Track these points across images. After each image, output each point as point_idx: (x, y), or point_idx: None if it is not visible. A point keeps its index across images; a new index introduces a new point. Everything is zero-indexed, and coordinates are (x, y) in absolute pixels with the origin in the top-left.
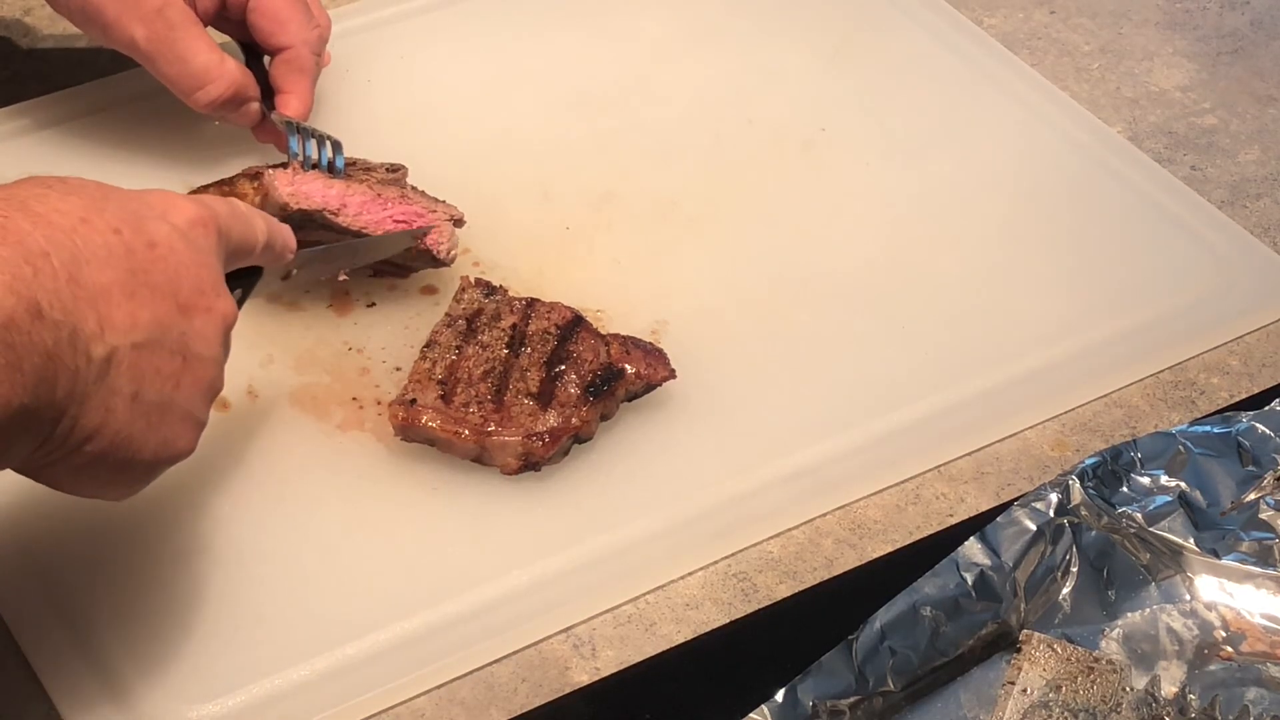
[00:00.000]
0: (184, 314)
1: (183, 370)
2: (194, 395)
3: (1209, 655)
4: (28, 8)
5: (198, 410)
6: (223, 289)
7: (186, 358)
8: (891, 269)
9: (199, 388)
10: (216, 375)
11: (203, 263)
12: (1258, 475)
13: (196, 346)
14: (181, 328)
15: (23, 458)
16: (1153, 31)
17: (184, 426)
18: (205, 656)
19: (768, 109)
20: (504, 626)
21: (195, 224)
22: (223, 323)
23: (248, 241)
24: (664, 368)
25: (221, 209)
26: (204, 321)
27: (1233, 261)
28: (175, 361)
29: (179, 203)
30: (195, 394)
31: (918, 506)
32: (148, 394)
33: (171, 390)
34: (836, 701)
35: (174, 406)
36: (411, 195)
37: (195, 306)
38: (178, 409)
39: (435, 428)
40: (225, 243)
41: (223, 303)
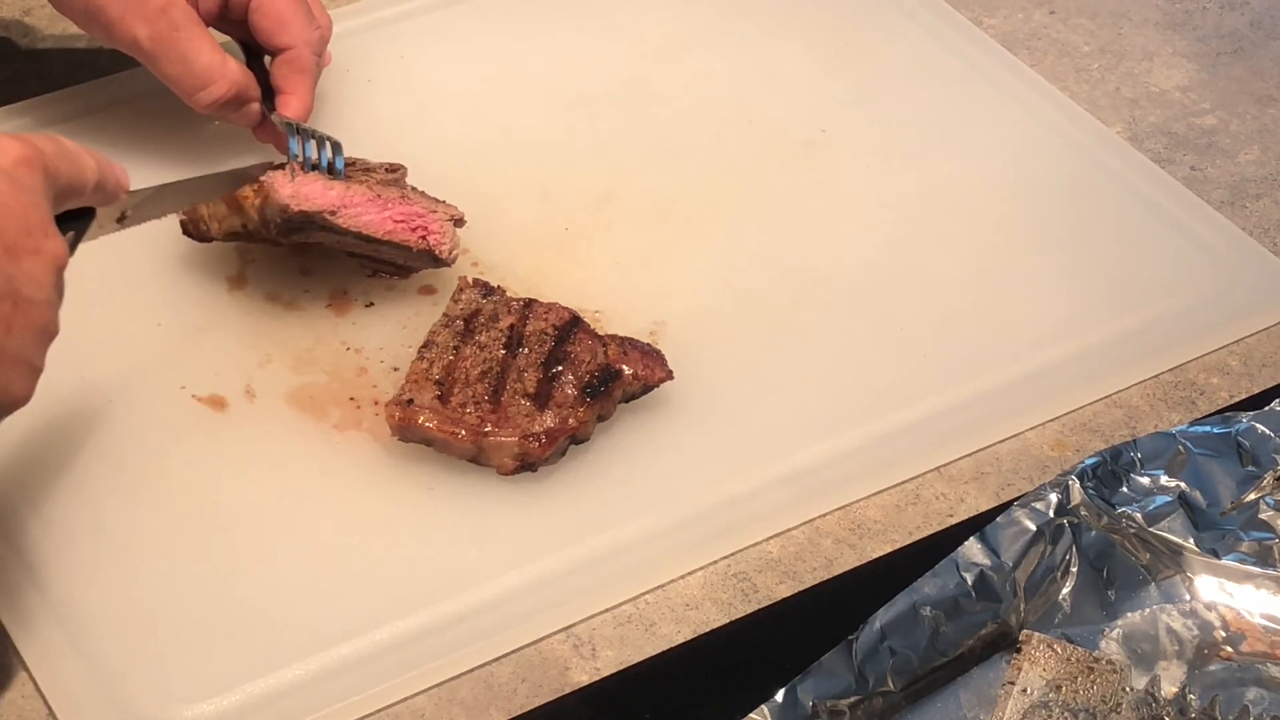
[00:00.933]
0: (10, 256)
1: (13, 314)
2: (26, 339)
3: (1209, 655)
4: (28, 8)
5: (31, 355)
6: (52, 229)
7: (16, 301)
8: (891, 269)
9: (31, 331)
10: (50, 319)
11: (29, 203)
12: (1257, 475)
13: (26, 289)
14: (9, 271)
15: None
16: (1152, 32)
17: (17, 372)
18: (201, 655)
19: (768, 109)
20: (502, 626)
21: (20, 163)
22: (53, 263)
23: (77, 180)
24: (661, 369)
25: (48, 147)
26: (33, 263)
27: (1232, 262)
28: (5, 306)
29: (6, 143)
30: (27, 338)
31: (918, 506)
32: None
33: (3, 335)
34: (836, 701)
35: (5, 352)
36: (411, 195)
37: (22, 248)
38: (9, 354)
39: (432, 428)
40: (53, 182)
41: (52, 243)
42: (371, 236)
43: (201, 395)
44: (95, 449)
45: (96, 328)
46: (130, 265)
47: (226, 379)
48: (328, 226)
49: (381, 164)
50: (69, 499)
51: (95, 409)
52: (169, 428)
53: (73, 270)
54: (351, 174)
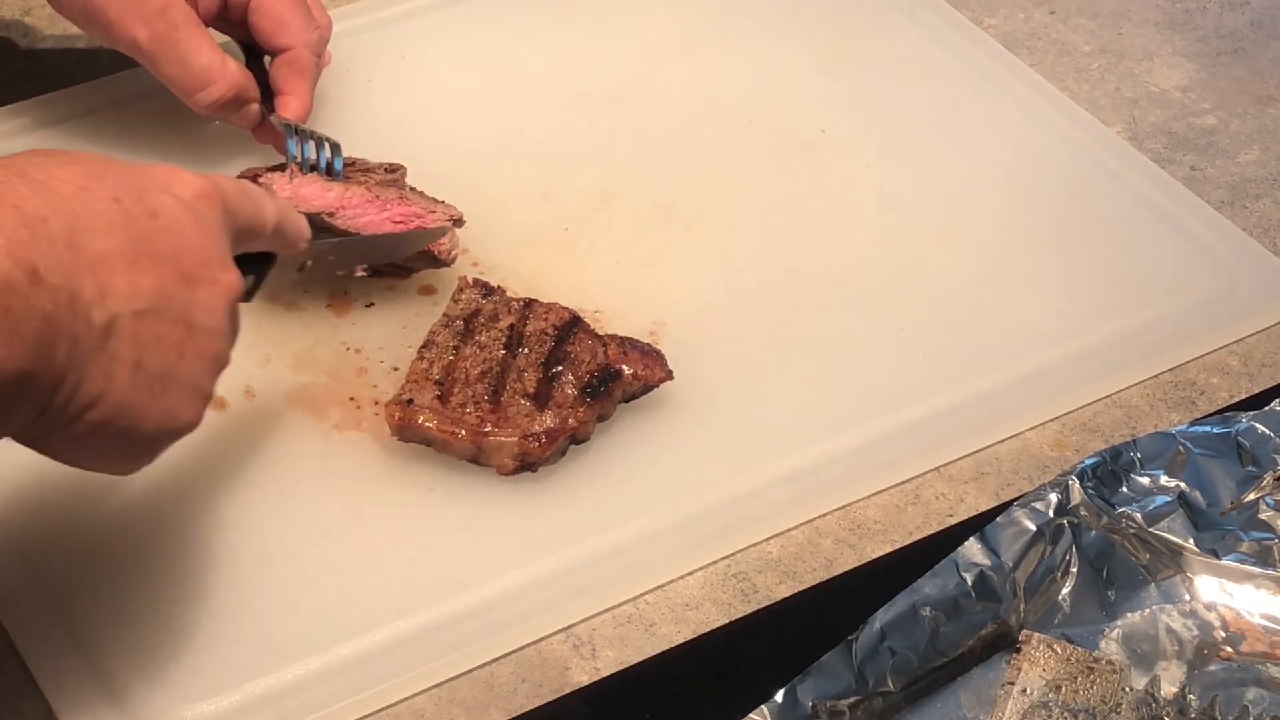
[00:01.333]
0: (187, 284)
1: (186, 340)
2: (199, 366)
3: (1209, 655)
4: (28, 8)
5: (202, 382)
6: (228, 262)
7: (190, 328)
8: (891, 269)
9: (204, 359)
10: (222, 348)
11: (207, 234)
12: (1257, 475)
13: (201, 317)
14: (185, 298)
15: (23, 425)
16: (1153, 31)
17: (188, 398)
18: (202, 655)
19: (768, 109)
20: (502, 626)
21: (200, 197)
22: (228, 295)
23: (256, 221)
24: (661, 369)
25: (229, 186)
26: (208, 293)
27: (1232, 263)
28: (179, 331)
29: (184, 176)
30: (200, 365)
31: (917, 506)
32: (150, 363)
33: (175, 360)
34: (836, 701)
35: (177, 377)
36: (410, 196)
37: (199, 277)
38: (181, 379)
39: (432, 428)
40: (232, 219)
41: (228, 275)
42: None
43: None
44: None
45: None
46: None
47: (226, 379)
48: (325, 227)
49: (381, 164)
50: (69, 499)
51: None
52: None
53: None
54: (351, 174)
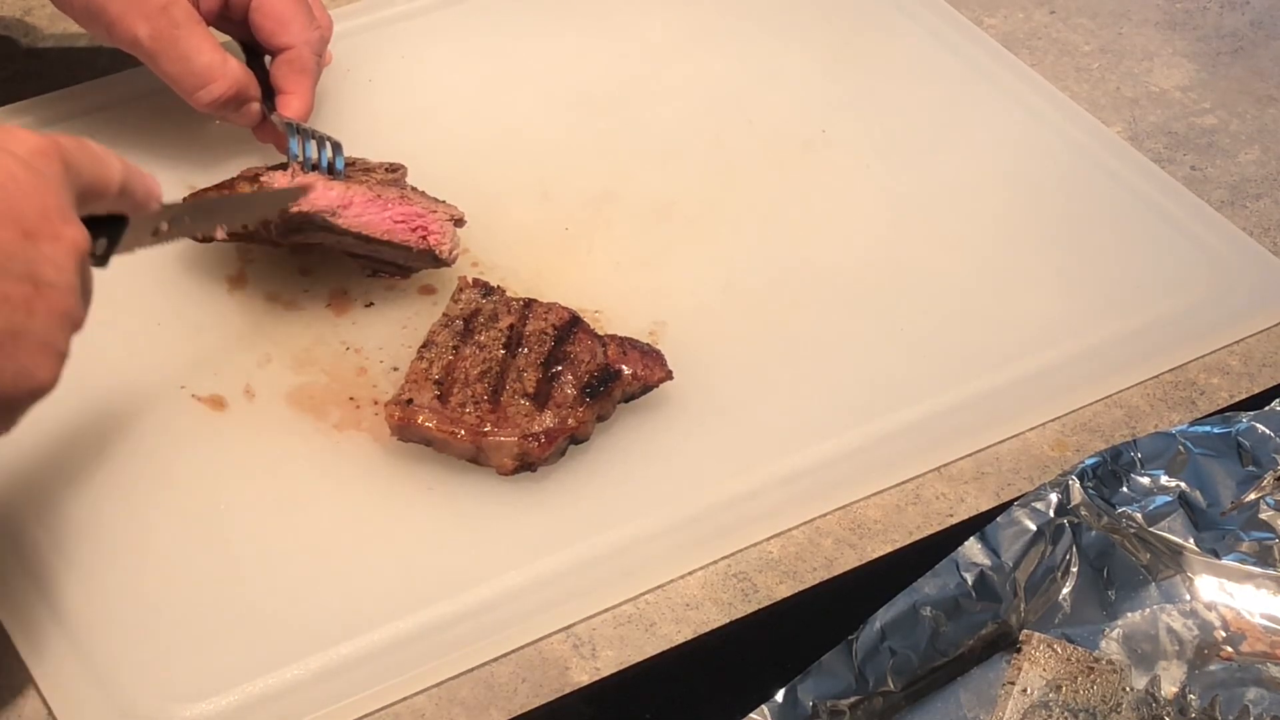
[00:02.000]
0: (29, 240)
1: (34, 297)
2: (49, 323)
3: (1209, 655)
4: (28, 8)
5: (55, 340)
6: (71, 216)
7: (37, 284)
8: (891, 269)
9: (53, 315)
10: (73, 304)
11: (46, 189)
12: (1258, 475)
13: (47, 273)
14: (29, 254)
15: None
16: (1153, 31)
17: (42, 356)
18: (200, 655)
19: (768, 109)
20: (502, 626)
21: (37, 153)
22: (74, 249)
23: (100, 179)
24: (661, 369)
25: (68, 143)
26: (53, 248)
27: (1232, 263)
28: (24, 287)
29: (19, 133)
30: (50, 321)
31: (918, 506)
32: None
33: (24, 318)
34: (836, 701)
35: (27, 334)
36: (411, 195)
37: (41, 232)
38: (32, 337)
39: (431, 428)
40: (74, 176)
41: (72, 229)
42: (371, 236)
43: (201, 395)
44: (95, 449)
45: (96, 328)
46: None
47: (226, 379)
48: (327, 227)
49: (381, 164)
50: (69, 499)
51: (95, 409)
52: (169, 428)
53: None
54: (351, 174)
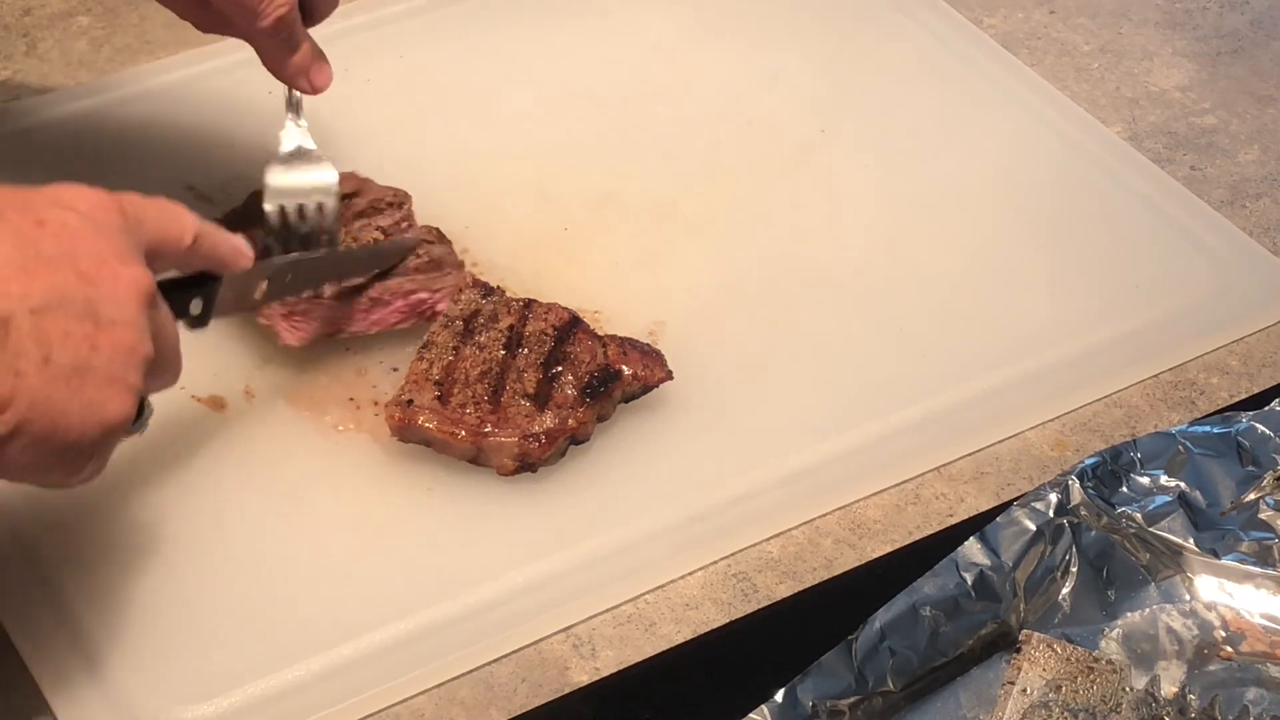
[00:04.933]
0: (86, 281)
1: (96, 333)
2: (114, 357)
3: (1209, 655)
4: (28, 8)
5: (124, 374)
6: (130, 260)
7: (98, 322)
8: (891, 269)
9: (118, 350)
10: (138, 339)
11: (101, 235)
12: (1257, 475)
13: (108, 310)
14: (86, 293)
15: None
16: (1152, 31)
17: (111, 390)
18: (201, 657)
19: (768, 109)
20: (502, 626)
21: (96, 206)
22: (134, 287)
23: (168, 231)
24: (661, 369)
25: (133, 197)
26: (112, 287)
27: (1232, 263)
28: (86, 325)
29: (81, 191)
30: (115, 356)
31: (918, 506)
32: (60, 357)
33: (88, 353)
34: (836, 701)
35: (93, 369)
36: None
37: (98, 275)
38: (98, 372)
39: (432, 428)
40: (135, 225)
41: (130, 271)
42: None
43: (201, 395)
44: None
45: None
46: None
47: (226, 379)
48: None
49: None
50: (69, 500)
51: None
52: (169, 428)
53: None
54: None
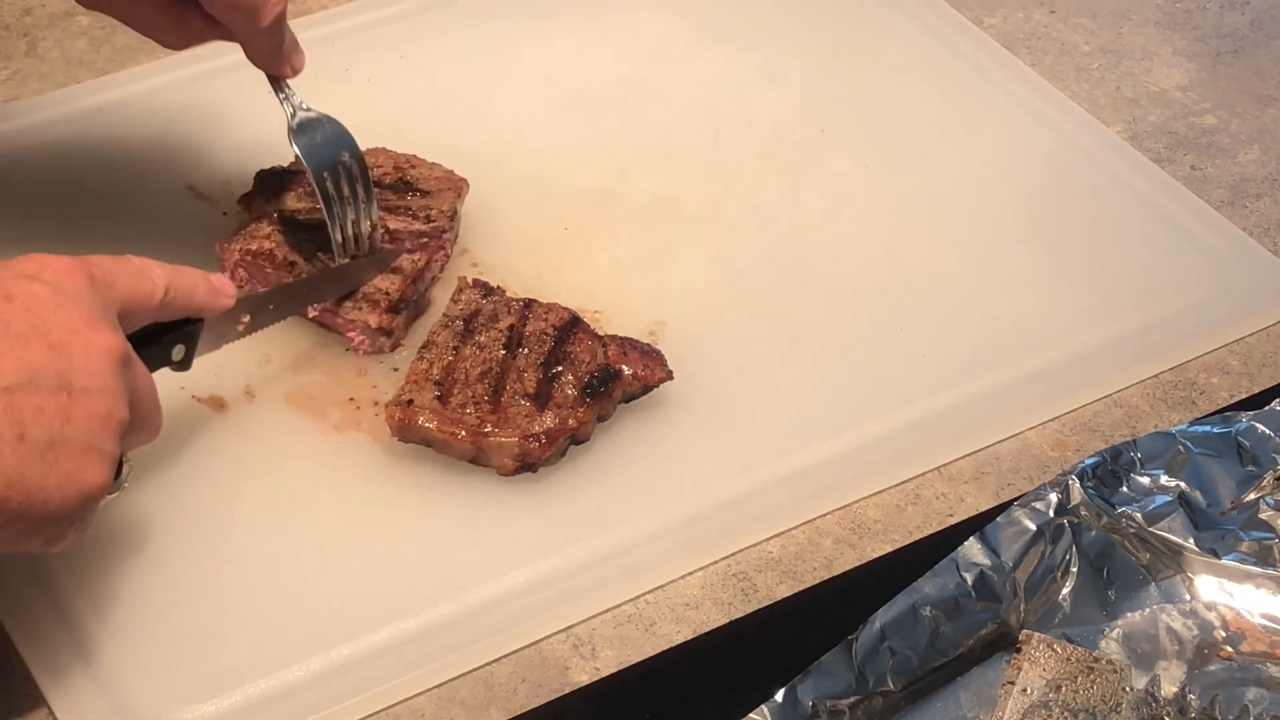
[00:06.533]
0: (58, 352)
1: (70, 405)
2: (89, 428)
3: (1209, 655)
4: (28, 8)
5: (99, 442)
6: (102, 326)
7: (71, 393)
8: (891, 269)
9: (93, 420)
10: (113, 405)
11: (72, 305)
12: (1258, 475)
13: (80, 380)
14: (58, 365)
15: None
16: (1153, 31)
17: (86, 460)
18: (201, 657)
19: (768, 109)
20: (502, 626)
21: (63, 273)
22: (107, 354)
23: (139, 289)
24: (661, 369)
25: (101, 260)
26: (84, 355)
27: (1232, 263)
28: (59, 398)
29: (49, 260)
30: (90, 426)
31: (918, 506)
32: (34, 433)
33: (62, 425)
34: (836, 701)
35: (68, 441)
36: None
37: (70, 344)
38: (73, 443)
39: (432, 428)
40: (106, 288)
41: (103, 337)
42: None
43: (201, 395)
44: None
45: None
46: None
47: (226, 379)
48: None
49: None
50: None
51: None
52: (169, 428)
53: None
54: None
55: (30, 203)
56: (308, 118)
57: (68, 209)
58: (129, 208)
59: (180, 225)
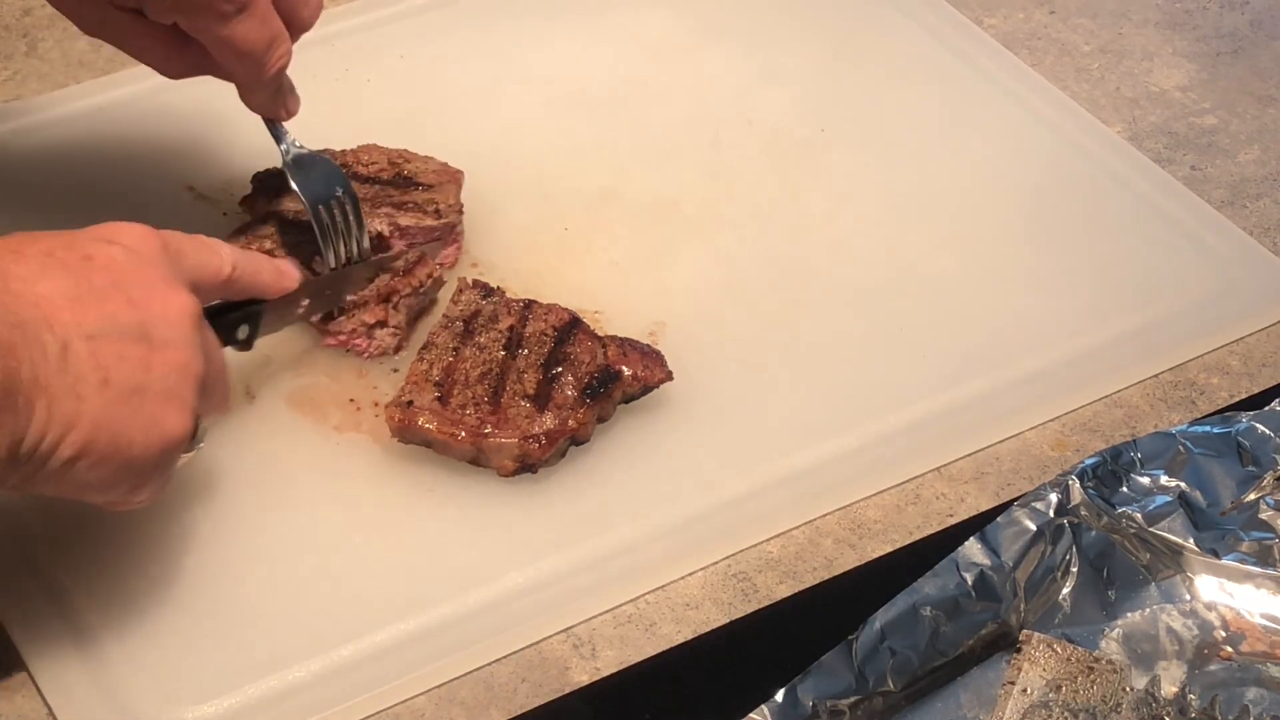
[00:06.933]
0: (136, 307)
1: (150, 354)
2: (169, 375)
3: (1209, 655)
4: (28, 8)
5: (180, 390)
6: (176, 286)
7: (151, 343)
8: (891, 269)
9: (173, 368)
10: (190, 357)
11: (147, 265)
12: (1257, 475)
13: (160, 332)
14: (138, 318)
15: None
16: (1153, 31)
17: (169, 407)
18: (202, 657)
19: (768, 109)
20: (503, 627)
21: (140, 239)
22: (182, 310)
23: (208, 264)
24: (661, 370)
25: (172, 233)
26: (161, 310)
27: (1232, 262)
28: (140, 347)
29: (122, 226)
30: (170, 374)
31: (918, 506)
32: (118, 378)
33: (143, 374)
34: (836, 701)
35: (149, 388)
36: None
37: (147, 300)
38: (155, 390)
39: (432, 429)
40: (177, 257)
41: (179, 296)
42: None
43: None
44: None
45: None
46: None
47: None
48: None
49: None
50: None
51: None
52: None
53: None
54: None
55: (30, 203)
56: (301, 154)
57: (68, 209)
58: (129, 208)
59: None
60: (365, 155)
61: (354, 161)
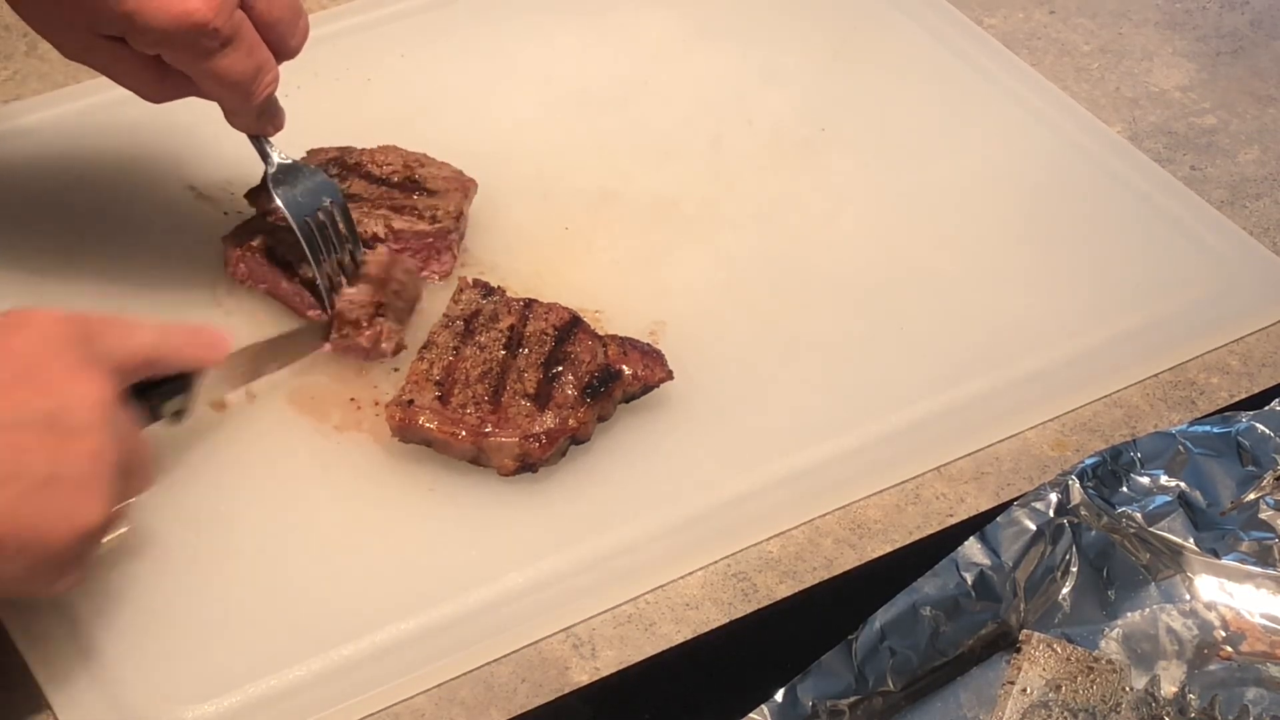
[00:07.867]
0: (44, 394)
1: (60, 444)
2: (81, 464)
3: (1209, 655)
4: None
5: (94, 477)
6: (89, 370)
7: (63, 432)
8: (891, 269)
9: (86, 456)
10: (102, 443)
11: (57, 353)
12: (1257, 475)
13: (69, 419)
14: (45, 407)
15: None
16: (1152, 31)
17: (83, 495)
18: (202, 657)
19: (768, 109)
20: (503, 626)
21: (48, 324)
22: (95, 395)
23: (124, 346)
24: (662, 369)
25: (89, 315)
26: (70, 397)
27: (1232, 262)
28: (49, 437)
29: (39, 311)
30: (83, 463)
31: (918, 506)
32: (28, 470)
33: (54, 464)
34: (836, 701)
35: (62, 479)
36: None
37: (55, 388)
38: (68, 479)
39: (432, 429)
40: (92, 340)
41: (90, 381)
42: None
43: None
44: None
45: None
46: (130, 267)
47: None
48: None
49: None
50: None
51: None
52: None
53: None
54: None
55: (31, 202)
56: (287, 166)
57: (68, 209)
58: (129, 208)
59: (180, 225)
60: (381, 156)
61: (369, 161)
